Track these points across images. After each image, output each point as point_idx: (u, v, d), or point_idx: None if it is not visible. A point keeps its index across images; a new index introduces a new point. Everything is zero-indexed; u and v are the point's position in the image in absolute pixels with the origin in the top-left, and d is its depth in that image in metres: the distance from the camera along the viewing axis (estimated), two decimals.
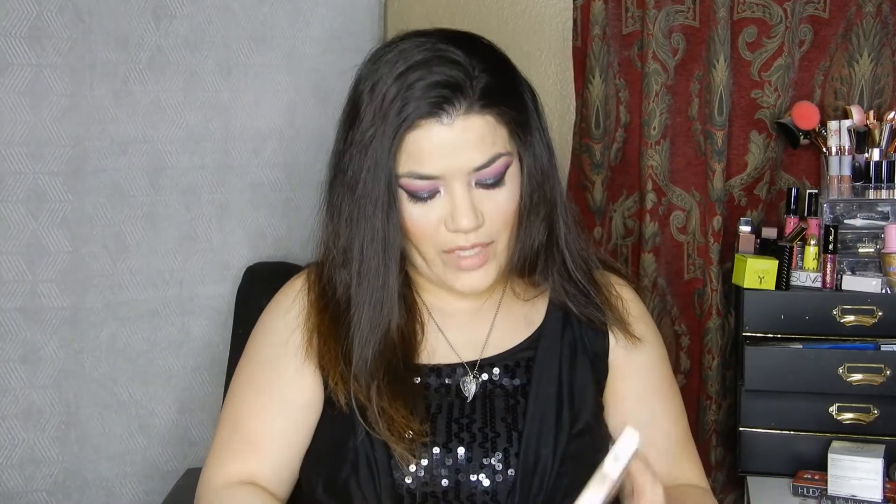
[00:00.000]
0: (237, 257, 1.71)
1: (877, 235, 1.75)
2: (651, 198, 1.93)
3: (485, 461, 1.10)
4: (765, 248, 1.82)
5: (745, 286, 1.74)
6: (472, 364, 1.17)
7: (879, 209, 1.77)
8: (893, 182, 1.76)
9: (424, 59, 1.06)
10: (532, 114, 1.13)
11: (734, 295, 1.88)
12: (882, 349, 1.69)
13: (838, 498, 1.58)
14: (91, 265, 1.58)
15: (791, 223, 1.81)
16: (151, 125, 1.61)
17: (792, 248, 1.75)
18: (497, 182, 1.08)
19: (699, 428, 1.94)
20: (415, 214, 1.08)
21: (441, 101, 1.04)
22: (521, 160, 1.11)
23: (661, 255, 1.96)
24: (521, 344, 1.18)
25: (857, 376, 1.68)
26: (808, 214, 1.80)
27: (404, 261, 1.15)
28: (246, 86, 1.69)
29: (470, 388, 1.15)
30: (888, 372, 1.67)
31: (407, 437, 1.08)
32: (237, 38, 1.68)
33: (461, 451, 1.10)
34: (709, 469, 1.93)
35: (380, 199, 1.07)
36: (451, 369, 1.16)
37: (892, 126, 1.80)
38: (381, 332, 1.11)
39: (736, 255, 1.81)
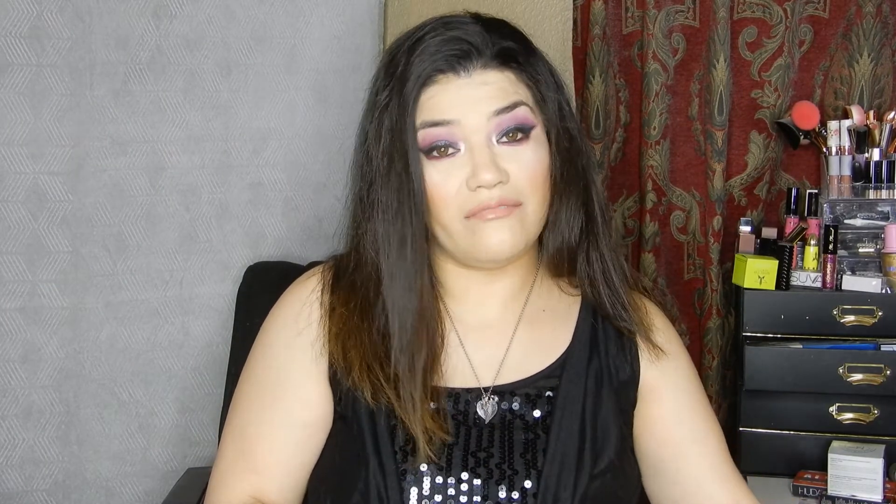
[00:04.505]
0: (237, 257, 1.71)
1: (877, 235, 1.75)
2: (651, 198, 1.93)
3: (501, 497, 1.03)
4: (765, 248, 1.82)
5: (745, 286, 1.74)
6: (493, 388, 1.10)
7: (879, 209, 1.77)
8: (893, 182, 1.76)
9: (441, 23, 1.06)
10: (556, 91, 1.09)
11: (734, 295, 1.88)
12: (882, 349, 1.69)
13: (838, 498, 1.58)
14: (91, 265, 1.58)
15: (791, 223, 1.81)
16: (151, 125, 1.61)
17: (792, 248, 1.75)
18: (521, 134, 1.04)
19: None
20: (435, 178, 1.03)
21: (458, 55, 1.02)
22: (547, 131, 1.07)
23: (661, 255, 1.96)
24: (544, 371, 1.10)
25: (857, 376, 1.68)
26: (808, 214, 1.80)
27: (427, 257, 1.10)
28: (246, 86, 1.69)
29: (486, 411, 1.08)
30: (888, 372, 1.67)
31: (431, 448, 1.03)
32: (237, 38, 1.68)
33: (477, 485, 1.04)
34: None
35: (401, 161, 1.03)
36: (469, 394, 1.09)
37: (892, 126, 1.80)
38: (416, 300, 1.06)
39: (736, 255, 1.81)
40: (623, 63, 1.96)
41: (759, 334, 1.73)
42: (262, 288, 1.57)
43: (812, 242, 1.75)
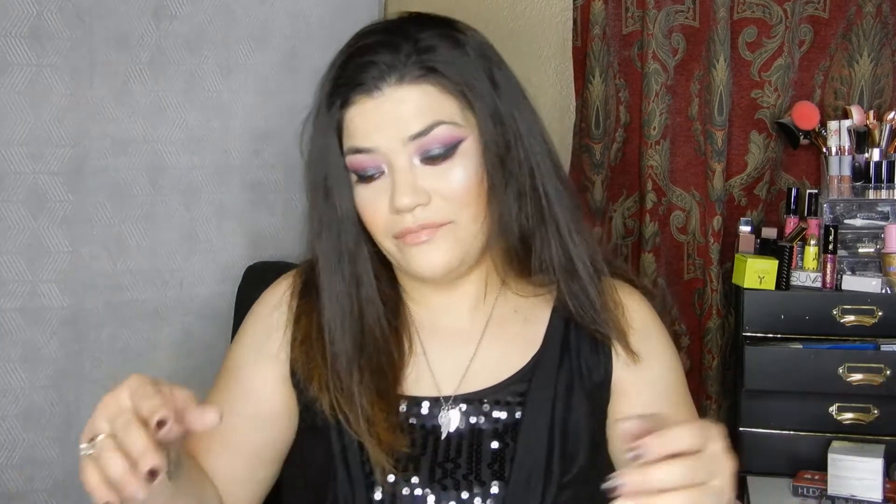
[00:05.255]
0: (237, 257, 1.71)
1: (877, 235, 1.75)
2: (651, 198, 1.93)
3: None
4: (765, 248, 1.82)
5: (745, 286, 1.74)
6: (454, 397, 1.07)
7: (879, 209, 1.77)
8: (893, 182, 1.76)
9: (362, 33, 1.03)
10: (491, 87, 1.02)
11: (734, 295, 1.88)
12: (882, 349, 1.70)
13: (838, 498, 1.58)
14: (91, 265, 1.58)
15: (791, 223, 1.81)
16: (151, 125, 1.61)
17: (792, 248, 1.75)
18: (445, 155, 0.98)
19: None
20: (363, 198, 1.01)
21: (369, 72, 0.98)
22: (479, 137, 1.01)
23: (661, 255, 1.96)
24: (514, 376, 1.06)
25: (857, 376, 1.68)
26: (808, 214, 1.80)
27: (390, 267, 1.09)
28: (246, 86, 1.69)
29: (449, 421, 1.05)
30: (888, 372, 1.67)
31: (390, 461, 1.01)
32: (237, 39, 1.68)
33: (444, 496, 1.02)
34: None
35: (331, 181, 1.02)
36: (434, 403, 1.07)
37: (892, 126, 1.80)
38: (355, 323, 1.04)
39: (736, 255, 1.81)
40: (623, 63, 1.96)
41: (759, 334, 1.73)
42: (262, 288, 1.56)
43: (812, 242, 1.75)
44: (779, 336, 1.73)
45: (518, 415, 1.04)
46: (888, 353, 1.68)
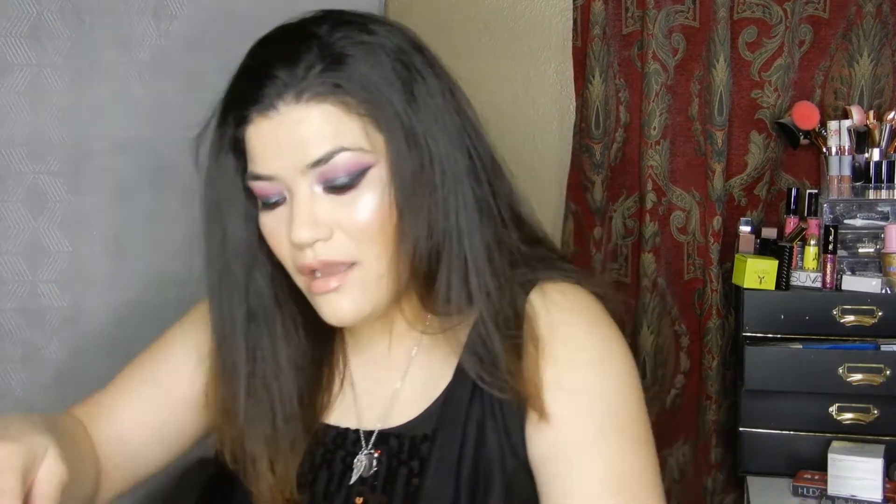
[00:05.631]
0: None
1: (877, 235, 1.75)
2: (651, 198, 1.93)
3: None
4: (765, 248, 1.82)
5: (745, 286, 1.74)
6: (376, 433, 0.99)
7: (879, 209, 1.77)
8: (893, 182, 1.76)
9: (262, 40, 0.94)
10: (412, 106, 0.89)
11: (734, 295, 1.88)
12: (882, 349, 1.69)
13: (838, 498, 1.58)
14: (91, 265, 1.58)
15: (791, 223, 1.81)
16: (151, 125, 1.61)
17: (792, 248, 1.75)
18: (349, 184, 0.87)
19: (699, 428, 1.94)
20: (267, 226, 0.92)
21: (264, 88, 0.87)
22: (389, 160, 0.89)
23: (661, 255, 1.96)
24: (429, 409, 0.97)
25: (857, 376, 1.68)
26: (808, 214, 1.80)
27: None
28: None
29: (360, 467, 0.98)
30: (888, 372, 1.67)
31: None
32: (238, 39, 1.68)
33: None
34: (709, 469, 1.93)
35: (225, 206, 0.95)
36: (354, 438, 1.00)
37: (892, 126, 1.80)
38: (248, 363, 0.96)
39: (736, 255, 1.81)
40: (623, 63, 1.96)
41: (759, 334, 1.73)
42: None
43: (812, 242, 1.75)
44: (779, 336, 1.73)
45: (426, 452, 0.96)
46: (888, 353, 1.68)
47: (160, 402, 1.05)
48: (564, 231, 2.02)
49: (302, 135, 0.86)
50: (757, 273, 1.74)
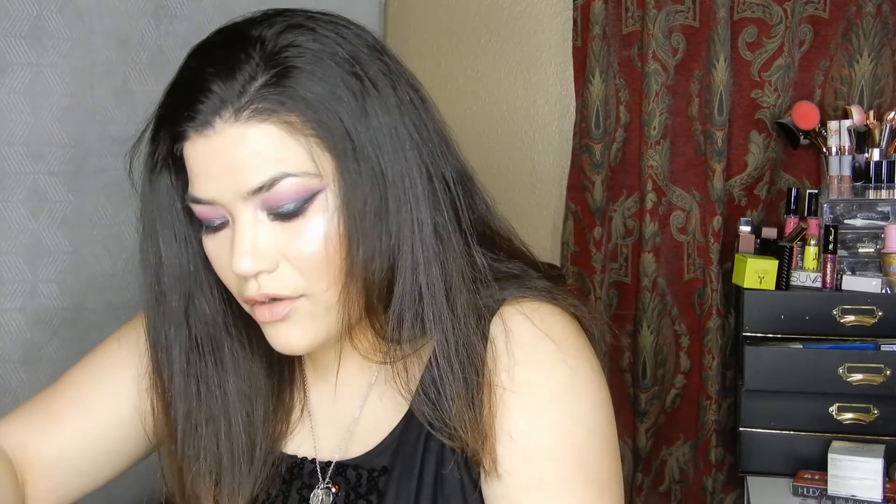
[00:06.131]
0: None
1: (877, 235, 1.75)
2: (651, 198, 1.93)
3: None
4: (765, 248, 1.82)
5: (745, 286, 1.74)
6: (329, 465, 0.93)
7: (879, 209, 1.77)
8: (893, 182, 1.76)
9: (200, 46, 0.83)
10: (366, 121, 0.80)
11: (734, 295, 1.88)
12: (882, 349, 1.70)
13: (838, 498, 1.58)
14: (91, 265, 1.58)
15: (791, 223, 1.81)
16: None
17: (792, 248, 1.75)
18: (296, 212, 0.79)
19: (699, 428, 1.94)
20: (210, 249, 0.84)
21: (199, 104, 0.78)
22: (342, 187, 0.80)
23: (661, 255, 1.96)
24: (385, 441, 0.90)
25: (857, 376, 1.68)
26: (808, 214, 1.80)
27: None
28: None
29: (320, 501, 0.91)
30: (888, 372, 1.67)
31: None
32: None
33: None
34: (709, 469, 1.93)
35: (161, 227, 0.86)
36: (312, 469, 0.94)
37: (892, 126, 1.80)
38: (187, 389, 0.90)
39: (736, 255, 1.81)
40: (623, 63, 1.96)
41: (759, 334, 1.73)
42: None
43: (812, 242, 1.75)
44: (779, 336, 1.73)
45: (383, 486, 0.89)
46: (888, 353, 1.68)
47: (94, 424, 0.98)
48: (564, 231, 2.02)
49: (241, 157, 0.78)
50: (757, 273, 1.74)
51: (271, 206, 0.79)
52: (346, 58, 0.81)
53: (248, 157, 0.78)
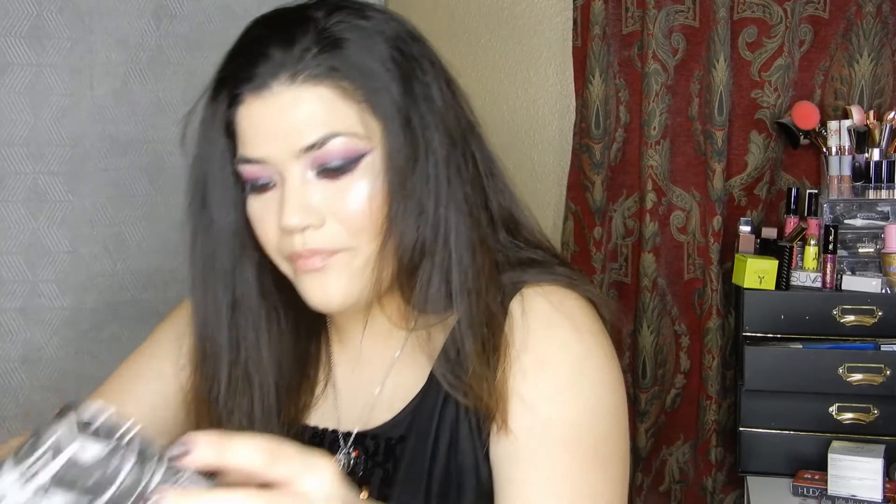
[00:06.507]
0: None
1: (877, 235, 1.75)
2: (651, 198, 1.93)
3: None
4: (765, 248, 1.82)
5: (745, 286, 1.74)
6: (355, 434, 0.96)
7: (879, 209, 1.77)
8: (893, 182, 1.76)
9: (258, 21, 0.90)
10: (410, 96, 0.87)
11: (734, 295, 1.88)
12: (882, 349, 1.69)
13: (838, 498, 1.58)
14: (91, 265, 1.58)
15: (791, 223, 1.81)
16: (151, 125, 1.61)
17: (792, 248, 1.75)
18: (344, 168, 0.85)
19: (699, 428, 1.94)
20: (255, 211, 0.89)
21: (258, 67, 0.84)
22: (384, 147, 0.86)
23: (661, 255, 1.96)
24: (404, 411, 0.94)
25: (857, 376, 1.68)
26: (808, 214, 1.80)
27: None
28: None
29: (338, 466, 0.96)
30: (888, 372, 1.67)
31: None
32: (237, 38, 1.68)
33: None
34: (709, 469, 1.93)
35: (212, 189, 0.91)
36: (333, 438, 0.97)
37: (892, 126, 1.80)
38: (230, 353, 0.94)
39: (736, 255, 1.81)
40: (623, 63, 1.96)
41: (759, 334, 1.73)
42: None
43: (812, 242, 1.75)
44: (779, 336, 1.73)
45: (400, 453, 0.93)
46: (888, 353, 1.68)
47: (147, 400, 1.02)
48: (564, 231, 2.02)
49: (295, 117, 0.84)
50: (757, 273, 1.74)
51: (320, 164, 0.85)
52: (391, 37, 0.88)
53: (301, 117, 0.84)
